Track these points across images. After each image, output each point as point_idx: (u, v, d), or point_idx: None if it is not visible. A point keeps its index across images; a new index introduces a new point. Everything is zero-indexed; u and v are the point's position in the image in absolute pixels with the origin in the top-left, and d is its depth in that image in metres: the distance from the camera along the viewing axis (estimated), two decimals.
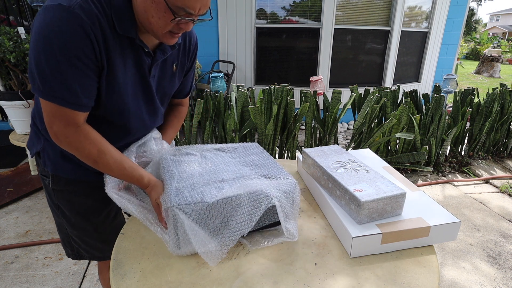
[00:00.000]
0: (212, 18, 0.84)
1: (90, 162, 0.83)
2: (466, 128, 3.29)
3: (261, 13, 4.36)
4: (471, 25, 28.06)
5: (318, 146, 2.43)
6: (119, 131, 0.93)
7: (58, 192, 1.00)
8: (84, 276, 1.79)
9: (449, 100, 5.09)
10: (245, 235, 0.77)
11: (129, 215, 0.96)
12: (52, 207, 1.05)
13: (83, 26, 0.71)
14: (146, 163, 0.97)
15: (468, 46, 19.03)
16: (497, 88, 3.31)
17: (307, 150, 1.08)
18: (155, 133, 1.04)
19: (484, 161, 3.41)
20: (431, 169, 2.89)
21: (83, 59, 0.73)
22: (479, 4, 33.18)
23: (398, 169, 3.05)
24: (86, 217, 1.04)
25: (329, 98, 2.94)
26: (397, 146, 3.01)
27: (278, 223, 0.85)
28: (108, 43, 0.77)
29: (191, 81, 1.11)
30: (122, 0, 0.77)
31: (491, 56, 11.25)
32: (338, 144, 2.07)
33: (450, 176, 3.10)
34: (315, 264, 0.75)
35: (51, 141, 0.92)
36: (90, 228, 1.06)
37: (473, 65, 13.41)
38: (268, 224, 0.85)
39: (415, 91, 3.16)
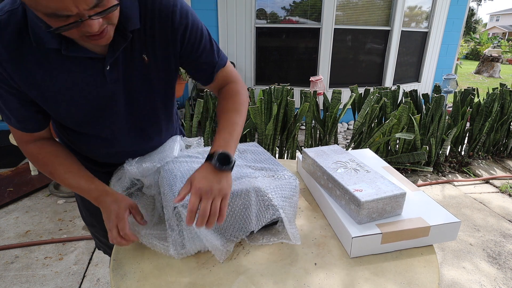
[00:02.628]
0: (118, 1, 0.61)
1: (47, 174, 0.83)
2: (466, 128, 3.29)
3: (261, 13, 4.36)
4: (471, 25, 28.06)
5: (318, 146, 2.43)
6: (96, 141, 0.88)
7: None
8: (84, 276, 1.79)
9: (449, 100, 5.09)
10: (247, 234, 0.78)
11: None
12: (77, 200, 1.12)
13: None
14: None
15: (468, 46, 19.04)
16: (497, 88, 3.31)
17: (307, 150, 1.08)
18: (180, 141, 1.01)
19: (484, 161, 3.41)
20: (431, 169, 2.89)
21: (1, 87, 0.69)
22: (479, 4, 33.19)
23: (398, 169, 3.05)
24: (94, 215, 1.05)
25: (329, 98, 2.94)
26: (397, 146, 3.01)
27: (276, 222, 0.85)
28: (26, 63, 0.67)
29: (210, 56, 0.84)
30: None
31: (491, 56, 11.25)
32: (338, 144, 2.07)
33: (450, 176, 3.10)
34: (315, 264, 0.75)
35: (60, 138, 0.94)
36: (98, 226, 1.08)
37: (473, 65, 13.41)
38: (270, 223, 0.85)
39: (415, 91, 3.16)
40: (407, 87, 4.89)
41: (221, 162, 0.71)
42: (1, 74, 0.67)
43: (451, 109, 3.23)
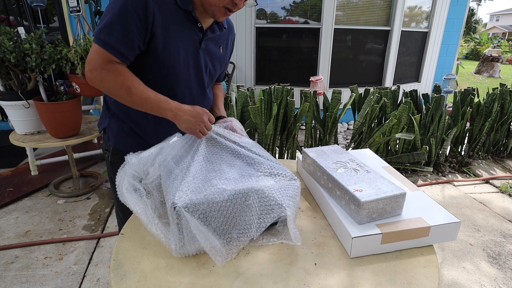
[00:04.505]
0: (257, 4, 1.03)
1: (122, 91, 0.92)
2: (466, 128, 3.29)
3: (261, 13, 4.36)
4: (471, 25, 28.04)
5: (318, 146, 2.43)
6: (166, 94, 1.01)
7: (115, 165, 1.08)
8: (84, 276, 1.79)
9: (449, 100, 5.09)
10: (254, 238, 0.78)
11: None
12: (112, 180, 1.20)
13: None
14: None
15: (468, 46, 19.03)
16: (497, 88, 3.31)
17: (307, 150, 1.08)
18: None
19: (484, 161, 3.41)
20: (431, 169, 2.89)
21: (135, 20, 0.89)
22: (479, 4, 33.19)
23: (398, 169, 3.05)
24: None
25: (329, 98, 2.94)
26: (397, 146, 3.01)
27: (276, 222, 0.85)
28: (167, 13, 0.93)
29: (226, 67, 1.27)
30: None
31: (491, 56, 11.25)
32: (338, 144, 2.07)
33: (450, 176, 3.10)
34: (315, 264, 0.75)
35: (116, 117, 1.10)
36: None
37: (473, 65, 13.41)
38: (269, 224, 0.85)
39: (415, 91, 3.16)
40: (407, 87, 4.89)
41: None
42: (149, 11, 0.89)
43: (451, 109, 3.23)
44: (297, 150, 2.75)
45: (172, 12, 0.94)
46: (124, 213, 1.20)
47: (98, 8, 3.04)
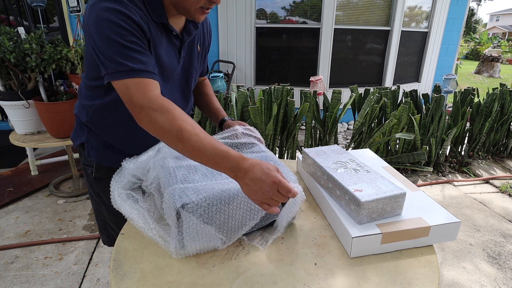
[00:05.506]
0: None
1: (174, 130, 0.74)
2: (466, 128, 3.29)
3: (261, 13, 4.36)
4: (471, 25, 28.04)
5: (318, 146, 2.43)
6: None
7: (100, 180, 1.07)
8: (84, 276, 1.79)
9: (449, 100, 5.09)
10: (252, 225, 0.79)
11: None
12: (92, 195, 1.15)
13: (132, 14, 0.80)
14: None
15: (468, 46, 19.03)
16: (497, 88, 3.31)
17: (307, 150, 1.08)
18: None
19: (484, 161, 3.41)
20: (431, 169, 2.89)
21: (135, 34, 0.81)
22: (479, 4, 33.18)
23: (398, 169, 3.05)
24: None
25: (329, 98, 2.94)
26: (397, 146, 3.01)
27: (273, 222, 0.85)
28: (148, 27, 0.85)
29: (207, 59, 1.21)
30: None
31: (491, 56, 11.25)
32: (338, 144, 2.07)
33: (450, 176, 3.10)
34: (315, 264, 0.75)
35: (94, 132, 1.03)
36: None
37: (473, 65, 13.41)
38: (268, 223, 0.85)
39: (415, 91, 3.16)
40: (407, 87, 4.89)
41: None
42: (141, 24, 0.81)
43: (451, 109, 3.23)
44: (297, 150, 2.75)
45: (151, 26, 0.87)
46: (117, 224, 1.14)
47: None
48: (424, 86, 5.33)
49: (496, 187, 2.92)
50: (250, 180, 0.68)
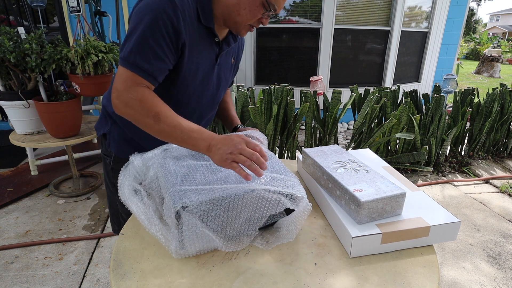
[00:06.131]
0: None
1: (150, 118, 0.83)
2: (466, 128, 3.29)
3: None
4: (471, 25, 28.04)
5: (318, 146, 2.43)
6: (184, 110, 0.99)
7: (116, 172, 1.07)
8: (84, 276, 1.79)
9: (449, 100, 5.09)
10: (256, 232, 0.79)
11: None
12: (108, 185, 1.20)
13: (175, 12, 0.83)
14: None
15: (468, 46, 19.03)
16: (497, 88, 3.31)
17: (307, 150, 1.08)
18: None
19: (484, 161, 3.41)
20: (431, 169, 2.89)
21: (166, 39, 0.84)
22: (479, 4, 33.18)
23: (398, 169, 3.05)
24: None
25: (329, 98, 2.94)
26: (397, 146, 3.01)
27: (274, 223, 0.85)
28: (191, 29, 0.89)
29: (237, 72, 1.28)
30: None
31: (491, 56, 11.25)
32: (338, 144, 2.07)
33: (450, 176, 3.10)
34: (315, 264, 0.75)
35: (118, 125, 1.07)
36: None
37: (473, 65, 13.41)
38: (270, 223, 0.85)
39: (415, 91, 3.16)
40: (407, 87, 4.89)
41: None
42: (179, 29, 0.85)
43: (451, 109, 3.23)
44: (297, 150, 2.75)
45: (196, 29, 0.91)
46: (129, 215, 1.19)
47: (98, 8, 3.04)
48: (424, 86, 5.34)
49: (496, 187, 2.92)
50: (220, 141, 0.79)
